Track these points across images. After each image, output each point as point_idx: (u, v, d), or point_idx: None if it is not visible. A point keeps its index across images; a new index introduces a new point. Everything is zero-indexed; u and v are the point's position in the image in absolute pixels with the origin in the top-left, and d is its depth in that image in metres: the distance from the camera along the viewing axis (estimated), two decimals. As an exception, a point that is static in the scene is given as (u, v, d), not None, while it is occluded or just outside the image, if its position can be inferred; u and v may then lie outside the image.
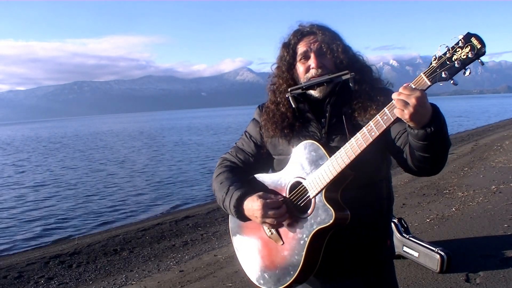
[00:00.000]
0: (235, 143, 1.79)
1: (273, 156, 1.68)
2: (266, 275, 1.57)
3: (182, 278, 4.50)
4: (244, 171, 1.70)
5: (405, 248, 3.85)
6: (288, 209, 1.49)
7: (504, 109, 49.73)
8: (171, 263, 5.35)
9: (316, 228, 1.41)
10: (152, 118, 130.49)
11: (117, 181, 14.47)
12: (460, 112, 49.36)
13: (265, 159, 1.71)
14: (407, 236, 3.87)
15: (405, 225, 4.01)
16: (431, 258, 3.62)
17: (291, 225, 1.49)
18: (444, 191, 6.70)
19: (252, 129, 1.75)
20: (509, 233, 4.47)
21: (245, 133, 1.78)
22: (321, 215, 1.40)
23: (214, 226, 7.06)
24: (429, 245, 3.73)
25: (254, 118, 1.76)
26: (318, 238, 1.43)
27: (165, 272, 4.93)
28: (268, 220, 1.48)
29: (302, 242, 1.45)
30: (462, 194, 6.37)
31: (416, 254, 3.76)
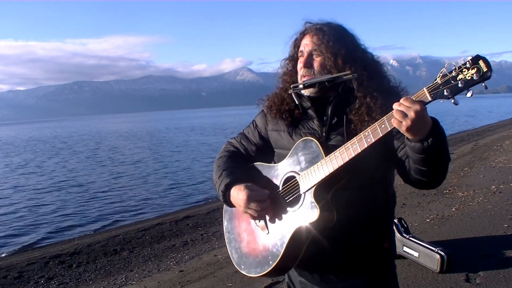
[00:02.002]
0: (243, 130, 1.85)
1: (275, 149, 1.72)
2: (247, 261, 1.62)
3: (182, 278, 4.50)
4: (245, 158, 1.76)
5: (405, 248, 3.85)
6: (274, 202, 1.53)
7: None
8: (171, 263, 5.35)
9: (299, 223, 1.44)
10: (154, 118, 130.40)
11: (117, 181, 14.46)
12: (467, 111, 49.42)
13: (267, 150, 1.74)
14: (407, 236, 3.87)
15: (405, 225, 4.02)
16: (431, 258, 3.62)
17: (278, 217, 1.53)
18: (444, 191, 6.70)
19: (259, 119, 1.79)
20: (509, 233, 4.47)
21: (252, 122, 1.83)
22: (306, 212, 1.43)
23: (214, 226, 7.06)
24: (429, 245, 3.73)
25: (262, 110, 1.80)
26: (301, 234, 1.45)
27: (165, 272, 4.93)
28: (249, 211, 1.52)
29: (285, 235, 1.48)
30: (462, 194, 6.38)
31: (416, 254, 3.76)
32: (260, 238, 1.59)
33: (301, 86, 1.55)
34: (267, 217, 1.56)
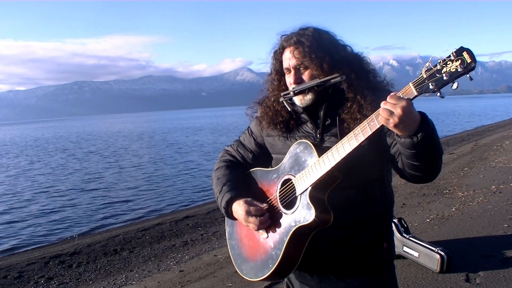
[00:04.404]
0: (239, 137, 1.87)
1: (272, 154, 1.73)
2: (248, 265, 1.65)
3: (182, 278, 4.51)
4: (243, 166, 1.79)
5: (405, 248, 3.85)
6: (272, 208, 1.57)
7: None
8: (171, 263, 5.35)
9: (296, 225, 1.45)
10: (154, 119, 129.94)
11: (117, 181, 14.47)
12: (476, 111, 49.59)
13: (264, 156, 1.76)
14: (407, 236, 3.87)
15: (405, 225, 4.01)
16: (431, 258, 3.62)
17: (276, 220, 1.55)
18: (444, 191, 6.70)
19: (254, 126, 1.80)
20: (509, 233, 4.47)
21: (248, 129, 1.84)
22: (303, 213, 1.44)
23: (214, 226, 7.06)
24: (429, 245, 3.73)
25: (257, 116, 1.80)
26: (299, 236, 1.46)
27: (165, 272, 4.93)
28: (249, 225, 1.58)
29: (283, 237, 1.50)
30: (462, 194, 6.38)
31: (416, 254, 3.76)
32: (259, 242, 1.61)
33: (291, 93, 1.56)
34: (263, 229, 1.59)
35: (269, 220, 1.55)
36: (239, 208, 1.59)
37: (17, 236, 8.31)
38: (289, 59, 1.57)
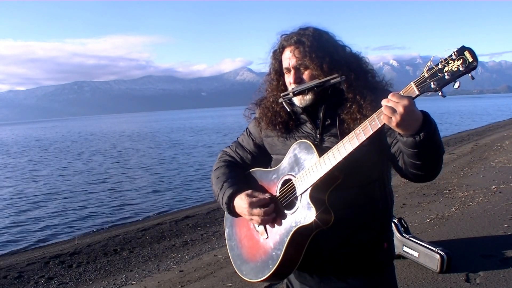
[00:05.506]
0: (237, 138, 1.86)
1: (271, 155, 1.73)
2: (248, 266, 1.64)
3: (182, 278, 4.51)
4: (242, 166, 1.78)
5: (405, 248, 3.85)
6: (275, 206, 1.54)
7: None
8: (171, 263, 5.35)
9: (296, 226, 1.45)
10: (155, 119, 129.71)
11: (118, 181, 14.47)
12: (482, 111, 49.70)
13: (263, 157, 1.76)
14: (407, 236, 3.88)
15: (405, 225, 4.02)
16: (431, 258, 3.62)
17: (276, 221, 1.54)
18: (444, 191, 6.70)
19: (252, 127, 1.80)
20: (509, 233, 4.47)
21: (246, 130, 1.84)
22: (303, 214, 1.44)
23: (214, 226, 7.06)
24: (429, 245, 3.73)
25: (255, 117, 1.79)
26: (300, 236, 1.46)
27: (165, 272, 4.93)
28: (254, 218, 1.55)
29: (283, 238, 1.49)
30: (462, 194, 6.37)
31: (416, 254, 3.76)
32: (259, 243, 1.60)
33: (291, 94, 1.56)
34: (268, 223, 1.57)
35: (274, 212, 1.53)
36: (241, 202, 1.57)
37: (17, 236, 8.30)
38: (289, 58, 1.57)
